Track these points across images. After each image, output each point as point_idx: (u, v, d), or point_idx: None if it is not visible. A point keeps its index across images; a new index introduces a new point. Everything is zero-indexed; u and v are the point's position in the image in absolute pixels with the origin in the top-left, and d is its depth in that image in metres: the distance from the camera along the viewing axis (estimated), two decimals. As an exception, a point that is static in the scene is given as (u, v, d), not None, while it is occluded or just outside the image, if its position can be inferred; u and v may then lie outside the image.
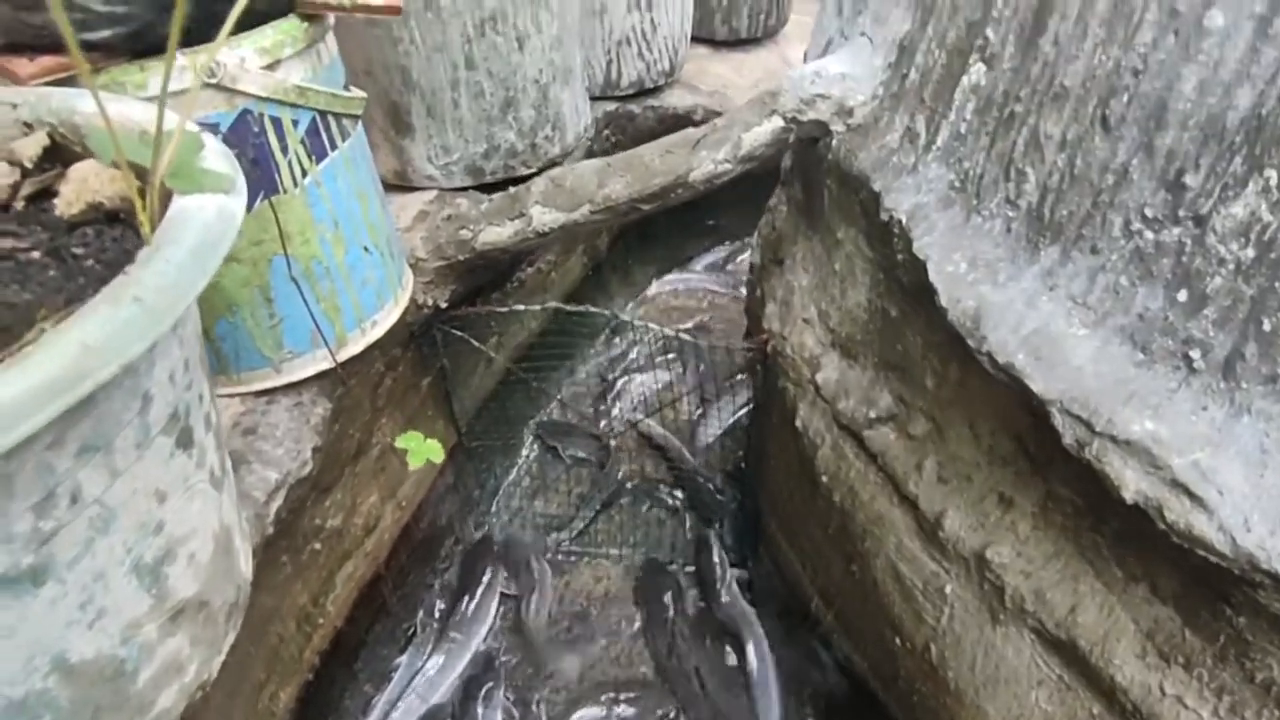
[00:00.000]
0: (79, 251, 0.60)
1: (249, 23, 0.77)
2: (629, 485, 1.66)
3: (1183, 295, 0.62)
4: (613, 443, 1.62)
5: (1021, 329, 0.68)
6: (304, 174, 0.85)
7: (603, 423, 1.75)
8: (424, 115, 1.24)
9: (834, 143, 0.94)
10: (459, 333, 1.28)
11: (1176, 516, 0.59)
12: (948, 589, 0.83)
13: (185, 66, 0.73)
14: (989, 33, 0.73)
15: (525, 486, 1.70)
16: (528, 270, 1.58)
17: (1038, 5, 0.68)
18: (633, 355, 1.91)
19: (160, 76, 0.73)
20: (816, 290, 1.03)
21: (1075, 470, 0.67)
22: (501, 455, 1.69)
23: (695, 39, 1.88)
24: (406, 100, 1.23)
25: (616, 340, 1.93)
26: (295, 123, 0.83)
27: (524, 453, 1.76)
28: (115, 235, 0.61)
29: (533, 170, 1.37)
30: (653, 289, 2.15)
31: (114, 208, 0.62)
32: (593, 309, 1.22)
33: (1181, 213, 0.61)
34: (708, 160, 0.99)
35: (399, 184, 1.33)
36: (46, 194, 0.65)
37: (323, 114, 0.85)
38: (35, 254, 0.58)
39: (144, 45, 0.71)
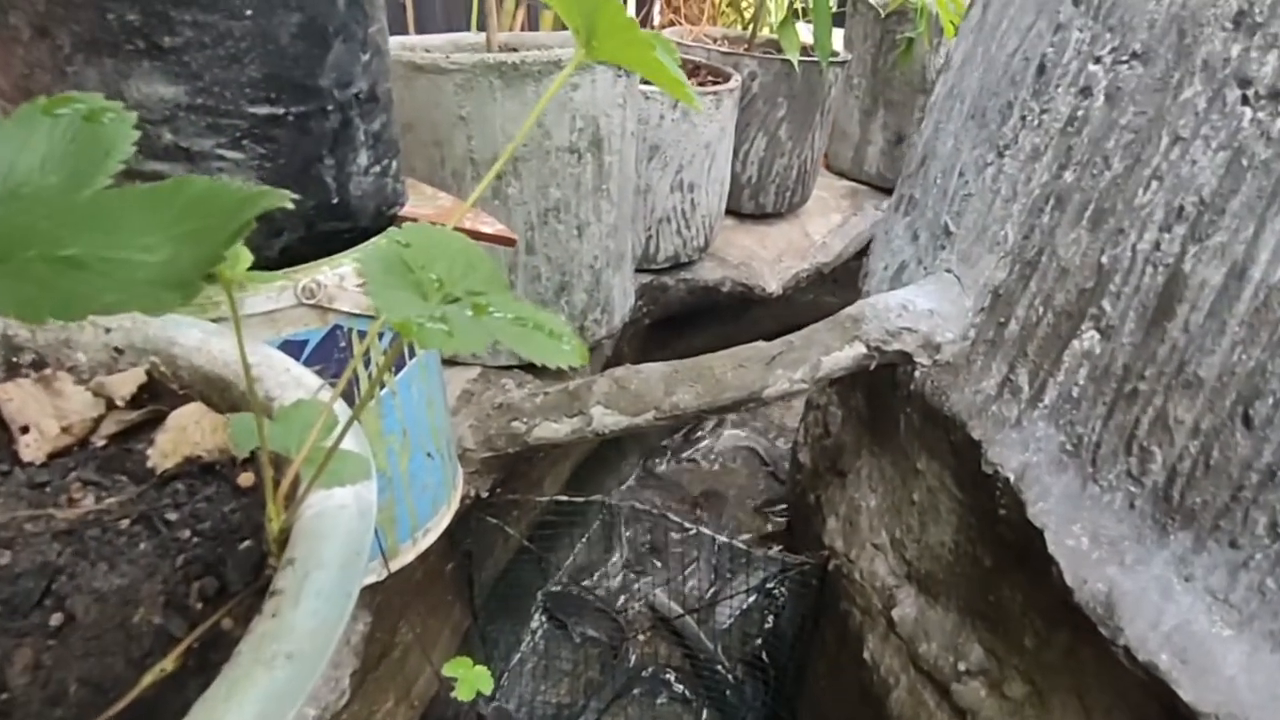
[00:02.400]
0: (172, 517, 0.54)
1: (350, 239, 0.74)
2: (643, 673, 1.56)
3: (1341, 610, 0.59)
4: (640, 638, 1.53)
5: (1161, 624, 0.64)
6: (381, 385, 0.81)
7: (617, 604, 1.66)
8: (477, 295, 1.22)
9: (917, 374, 0.92)
10: (493, 520, 1.22)
11: None
12: None
13: (285, 286, 0.70)
14: (1105, 304, 0.73)
15: (531, 668, 1.59)
16: (553, 439, 1.53)
17: (1163, 289, 0.69)
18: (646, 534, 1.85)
19: (260, 294, 0.70)
20: (888, 515, 0.99)
21: (1217, 779, 0.62)
22: (510, 633, 1.59)
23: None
24: (461, 280, 1.21)
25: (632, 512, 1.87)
26: (380, 335, 0.79)
27: (532, 626, 1.66)
28: (210, 494, 0.56)
29: (579, 351, 1.35)
30: (665, 450, 2.12)
31: (210, 460, 0.57)
32: (639, 505, 1.17)
33: (1339, 526, 0.59)
34: (784, 379, 0.97)
35: (443, 360, 1.29)
36: (133, 431, 0.60)
37: (406, 324, 0.82)
38: (124, 521, 0.52)
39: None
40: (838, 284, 2.35)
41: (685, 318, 1.97)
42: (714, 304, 1.94)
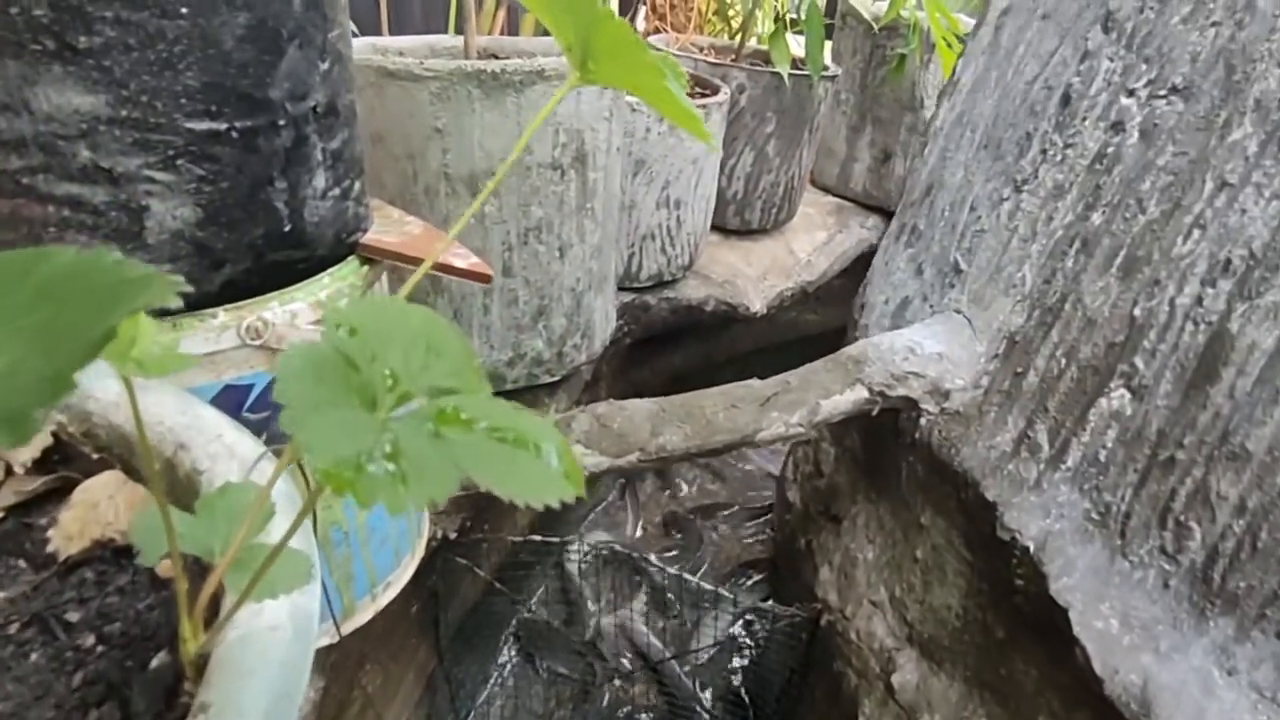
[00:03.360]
0: (74, 618, 0.45)
1: (305, 270, 0.66)
2: (619, 714, 1.48)
3: (1406, 718, 0.53)
4: (616, 682, 1.45)
5: (1203, 725, 0.58)
6: (338, 431, 0.72)
7: (590, 625, 1.58)
8: (449, 319, 1.14)
9: (923, 421, 0.86)
10: (463, 560, 1.13)
11: None
12: None
13: (227, 325, 0.61)
14: (1138, 361, 0.67)
15: (500, 707, 1.50)
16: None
17: (1205, 349, 0.63)
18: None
19: (197, 334, 0.61)
20: (888, 569, 0.93)
21: None
22: (477, 673, 1.50)
23: (707, 227, 1.85)
24: (431, 302, 1.12)
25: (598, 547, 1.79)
26: (338, 376, 0.71)
27: (500, 661, 1.57)
28: (122, 585, 0.47)
29: (555, 379, 1.27)
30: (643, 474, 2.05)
31: (127, 542, 0.48)
32: (619, 548, 1.10)
33: (1406, 625, 0.53)
34: (779, 422, 0.90)
35: (408, 383, 1.21)
36: (35, 503, 0.51)
37: (368, 361, 0.74)
38: (14, 625, 0.43)
39: (182, 304, 0.59)
40: (820, 301, 2.30)
41: (665, 336, 1.90)
42: (696, 323, 1.87)
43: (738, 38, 1.99)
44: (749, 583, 1.68)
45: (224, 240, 0.58)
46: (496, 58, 1.28)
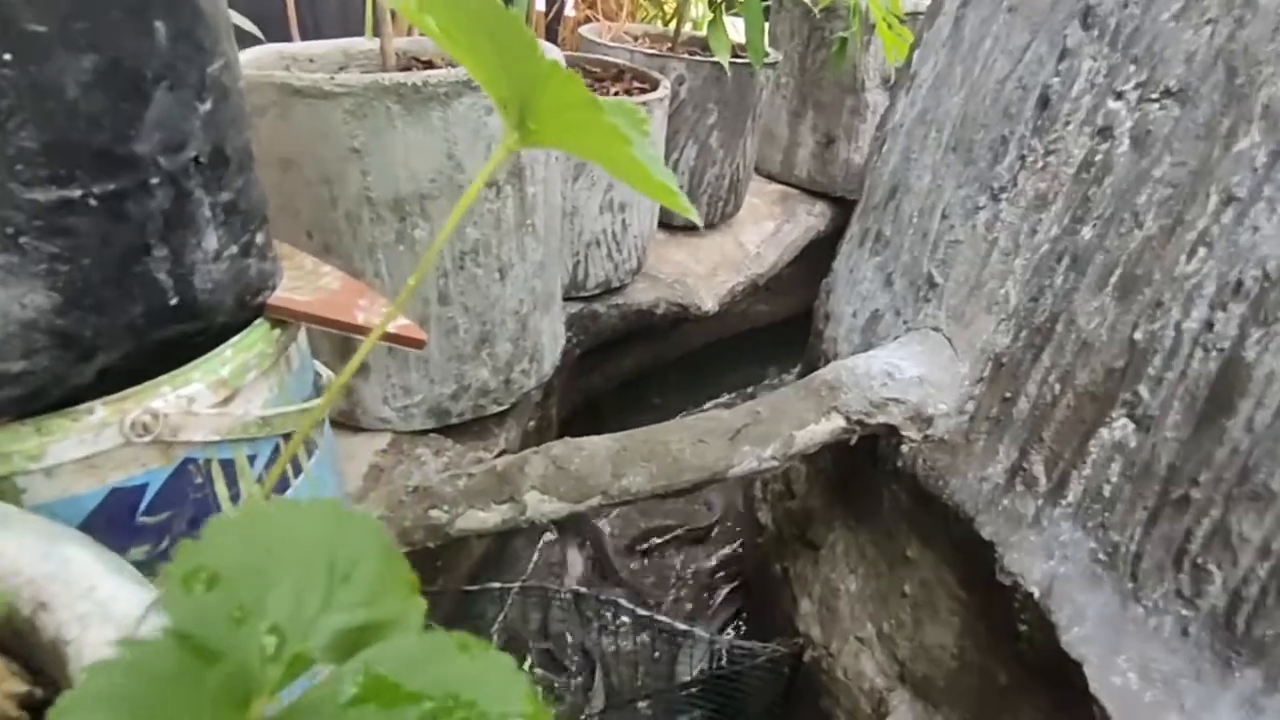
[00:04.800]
0: None
1: (203, 344, 0.56)
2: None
3: None
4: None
5: (1239, 791, 0.54)
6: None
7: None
8: (384, 353, 1.04)
9: (905, 448, 0.80)
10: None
11: None
12: None
13: (107, 421, 0.51)
14: (1141, 390, 0.62)
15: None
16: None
17: (1218, 378, 0.58)
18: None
19: (69, 437, 0.51)
20: (873, 603, 0.87)
21: None
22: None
23: (653, 225, 1.78)
24: (354, 343, 1.02)
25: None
26: (252, 458, 0.61)
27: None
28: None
29: (504, 408, 1.18)
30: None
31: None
32: (583, 592, 1.02)
33: None
34: (751, 457, 0.83)
35: (344, 423, 1.11)
36: None
37: (288, 436, 0.64)
38: None
39: (46, 403, 0.49)
40: (770, 292, 2.24)
41: (615, 341, 1.82)
42: (647, 325, 1.80)
43: (672, 24, 1.90)
44: (719, 600, 1.62)
45: (93, 325, 0.48)
46: (419, 61, 1.17)
